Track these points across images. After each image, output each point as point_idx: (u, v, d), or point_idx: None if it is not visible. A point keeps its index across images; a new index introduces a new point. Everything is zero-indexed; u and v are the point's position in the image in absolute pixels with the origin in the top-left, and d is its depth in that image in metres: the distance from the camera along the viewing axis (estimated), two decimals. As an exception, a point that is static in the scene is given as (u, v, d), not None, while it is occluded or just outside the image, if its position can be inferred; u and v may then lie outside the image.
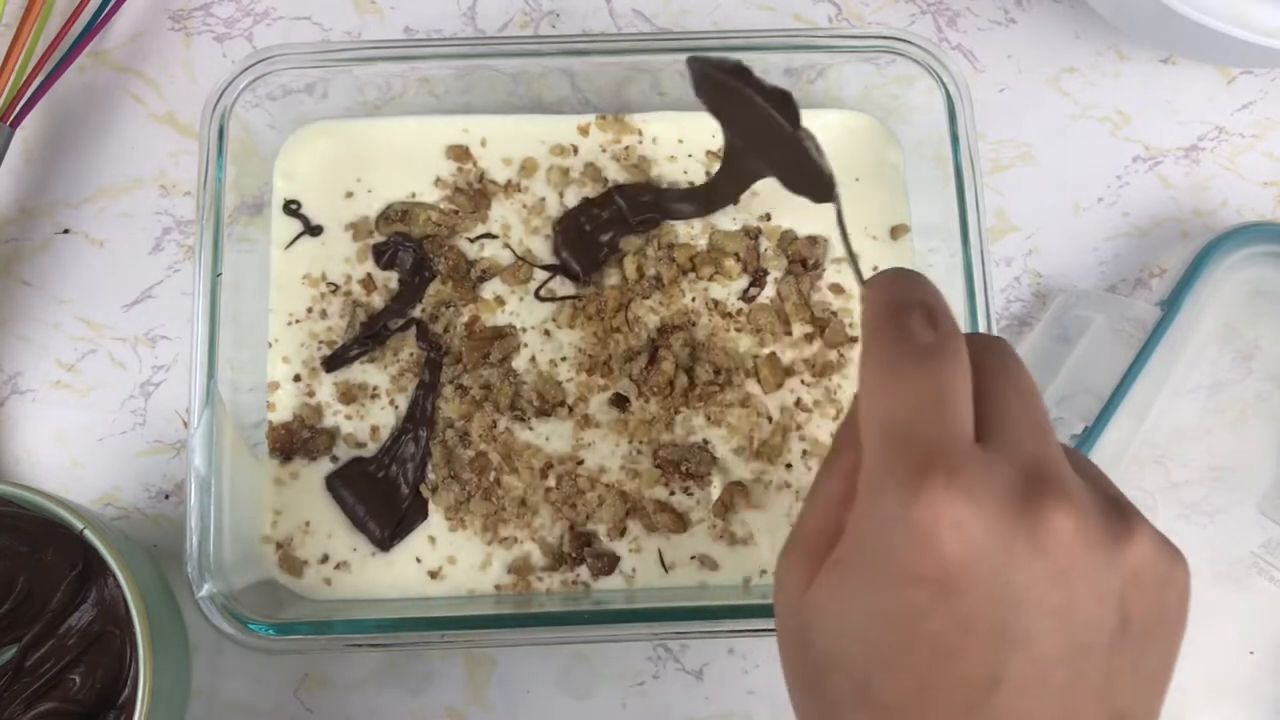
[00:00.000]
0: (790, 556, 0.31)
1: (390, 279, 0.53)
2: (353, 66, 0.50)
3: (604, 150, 0.54)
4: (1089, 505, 0.28)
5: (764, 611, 0.46)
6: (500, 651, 0.52)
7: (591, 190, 0.53)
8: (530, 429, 0.51)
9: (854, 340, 0.52)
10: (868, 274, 0.52)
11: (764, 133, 0.40)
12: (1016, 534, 0.26)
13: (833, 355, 0.52)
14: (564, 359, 0.52)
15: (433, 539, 0.50)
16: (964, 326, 0.48)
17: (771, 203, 0.53)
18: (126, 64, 0.58)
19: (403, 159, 0.53)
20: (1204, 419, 0.52)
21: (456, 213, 0.53)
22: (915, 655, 0.27)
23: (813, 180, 0.40)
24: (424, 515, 0.50)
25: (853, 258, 0.37)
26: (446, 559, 0.49)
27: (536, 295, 0.52)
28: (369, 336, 0.51)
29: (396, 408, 0.51)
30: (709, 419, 0.51)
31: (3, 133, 0.52)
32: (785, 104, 0.39)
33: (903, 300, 0.30)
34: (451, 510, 0.50)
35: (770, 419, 0.51)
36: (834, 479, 0.31)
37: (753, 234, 0.53)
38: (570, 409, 0.51)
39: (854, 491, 0.29)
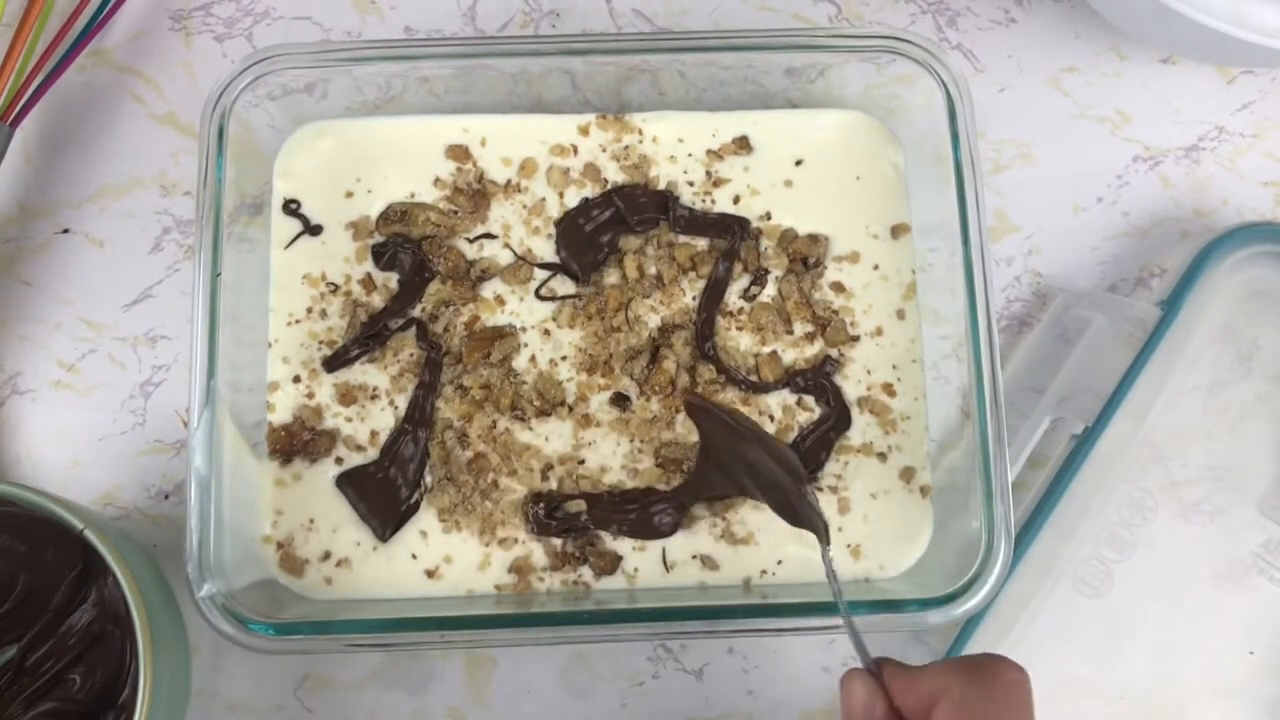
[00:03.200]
0: None
1: (390, 279, 0.52)
2: (353, 66, 0.50)
3: (604, 150, 0.54)
4: None
5: (764, 611, 0.46)
6: (501, 651, 0.52)
7: (591, 190, 0.53)
8: (530, 429, 0.51)
9: (855, 339, 0.52)
10: (868, 272, 0.53)
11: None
12: None
13: (834, 354, 0.52)
14: (564, 358, 0.52)
15: (424, 533, 0.50)
16: (964, 325, 0.48)
17: (772, 201, 0.53)
18: (126, 64, 0.58)
19: (403, 159, 0.53)
20: (1204, 419, 0.52)
21: (456, 213, 0.53)
22: None
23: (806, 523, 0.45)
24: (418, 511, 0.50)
25: (853, 630, 0.41)
26: (443, 558, 0.49)
27: (537, 294, 0.52)
28: (369, 337, 0.51)
29: (396, 409, 0.51)
30: (709, 419, 0.51)
31: (3, 132, 0.52)
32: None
33: None
34: (446, 512, 0.50)
35: (771, 418, 0.51)
36: None
37: (753, 233, 0.53)
38: (570, 409, 0.51)
39: None
